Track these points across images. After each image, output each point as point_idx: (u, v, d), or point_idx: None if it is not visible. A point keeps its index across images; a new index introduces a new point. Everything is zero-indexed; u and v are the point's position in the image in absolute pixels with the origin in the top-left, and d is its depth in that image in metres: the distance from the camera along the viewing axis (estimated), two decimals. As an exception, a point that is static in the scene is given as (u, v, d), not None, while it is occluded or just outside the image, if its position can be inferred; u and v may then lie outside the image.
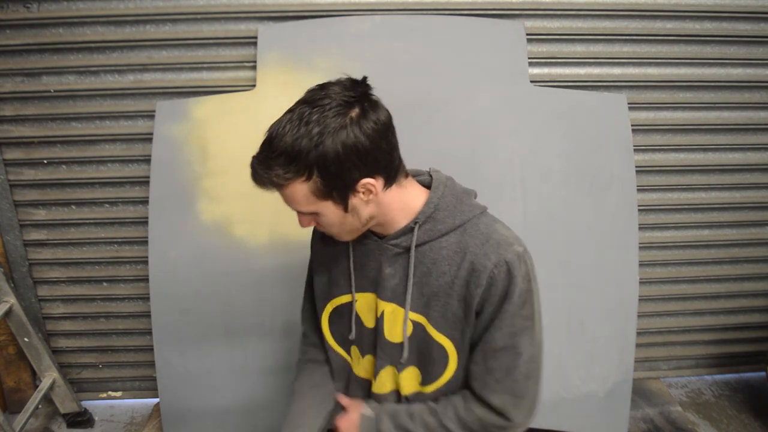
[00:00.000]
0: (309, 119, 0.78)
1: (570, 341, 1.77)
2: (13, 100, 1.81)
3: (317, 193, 0.81)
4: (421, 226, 0.90)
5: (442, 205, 0.90)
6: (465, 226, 0.90)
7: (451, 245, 0.89)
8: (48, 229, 1.95)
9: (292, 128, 0.78)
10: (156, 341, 1.77)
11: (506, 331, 0.88)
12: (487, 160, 1.71)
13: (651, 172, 1.97)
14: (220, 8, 1.72)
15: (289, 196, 0.83)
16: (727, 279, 2.13)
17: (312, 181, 0.80)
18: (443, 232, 0.90)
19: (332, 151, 0.78)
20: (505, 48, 1.73)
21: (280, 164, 0.79)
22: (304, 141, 0.77)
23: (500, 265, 0.86)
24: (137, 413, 2.11)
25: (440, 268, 0.90)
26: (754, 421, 2.01)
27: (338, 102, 0.79)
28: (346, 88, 0.81)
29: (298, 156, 0.78)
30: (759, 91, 1.92)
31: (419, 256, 0.91)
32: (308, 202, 0.83)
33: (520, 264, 0.87)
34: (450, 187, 0.93)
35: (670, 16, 1.80)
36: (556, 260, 1.74)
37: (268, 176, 0.81)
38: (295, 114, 0.79)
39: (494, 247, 0.87)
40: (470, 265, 0.87)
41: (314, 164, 0.78)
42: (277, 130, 0.80)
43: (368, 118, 0.80)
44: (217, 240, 1.73)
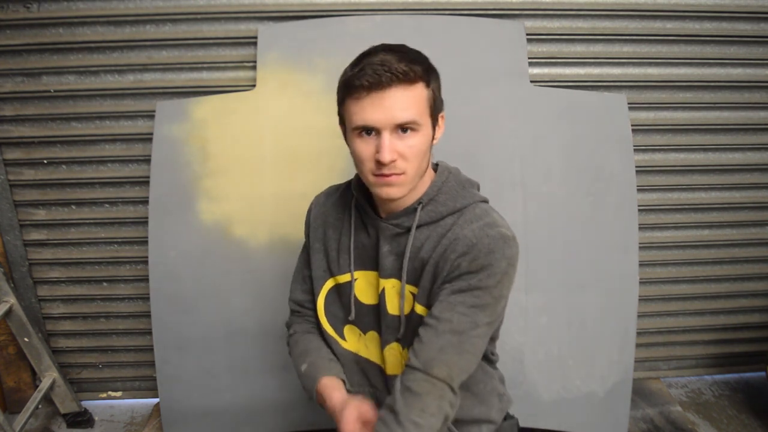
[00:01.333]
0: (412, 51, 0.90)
1: (570, 341, 1.77)
2: (13, 100, 1.81)
3: (429, 103, 0.89)
4: (424, 207, 0.94)
5: (445, 189, 0.96)
6: (463, 211, 0.94)
7: (446, 226, 0.93)
8: (48, 229, 1.95)
9: (406, 50, 0.89)
10: (156, 341, 1.77)
11: (470, 302, 0.88)
12: (487, 160, 1.71)
13: (651, 172, 1.97)
14: (220, 8, 1.72)
15: (410, 96, 0.86)
16: (727, 279, 2.13)
17: (429, 90, 0.88)
18: (443, 215, 0.94)
19: (437, 75, 0.92)
20: (505, 48, 1.73)
21: (417, 62, 0.86)
22: (424, 59, 0.90)
23: (481, 238, 0.89)
24: (137, 413, 2.11)
25: (431, 241, 0.94)
26: (754, 421, 2.01)
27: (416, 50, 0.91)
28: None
29: (426, 64, 0.89)
30: (759, 91, 1.92)
31: (417, 235, 0.95)
32: (418, 109, 0.87)
33: (503, 244, 0.89)
34: (455, 174, 0.99)
35: (670, 16, 1.80)
36: (556, 260, 1.74)
37: (406, 67, 0.84)
38: (395, 47, 0.89)
39: (480, 226, 0.91)
40: (453, 236, 0.91)
41: (433, 76, 0.90)
42: (395, 46, 0.88)
43: None
44: (217, 240, 1.73)
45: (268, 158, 1.71)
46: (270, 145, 1.70)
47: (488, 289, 0.88)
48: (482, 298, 0.89)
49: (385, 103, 0.84)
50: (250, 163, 1.71)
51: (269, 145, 1.70)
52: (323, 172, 1.70)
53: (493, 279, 0.88)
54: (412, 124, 0.86)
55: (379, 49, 0.88)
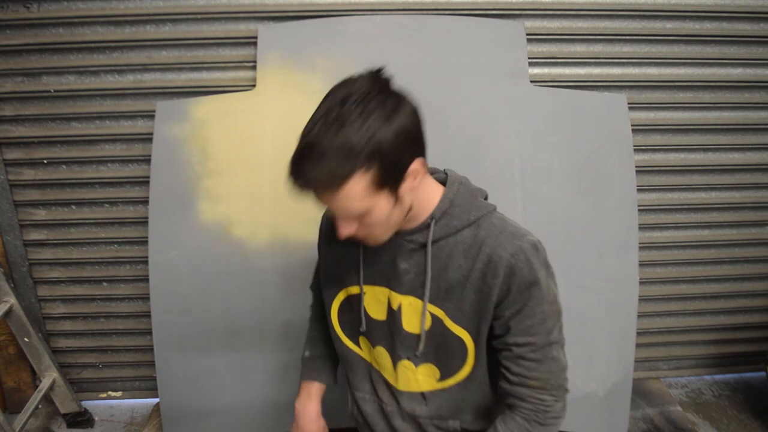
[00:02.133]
0: (354, 113, 0.75)
1: (570, 341, 1.76)
2: (13, 100, 1.81)
3: (375, 184, 0.78)
4: (437, 221, 0.91)
5: (457, 201, 0.92)
6: (479, 222, 0.91)
7: (466, 239, 0.91)
8: (48, 229, 1.95)
9: (339, 126, 0.74)
10: (156, 341, 1.77)
11: (538, 318, 0.91)
12: (487, 160, 1.71)
13: (651, 172, 1.97)
14: (220, 8, 1.72)
15: (344, 195, 0.77)
16: (727, 279, 2.13)
17: (371, 172, 0.77)
18: (458, 228, 0.91)
19: (388, 137, 0.76)
20: (505, 48, 1.73)
21: (339, 159, 0.74)
22: (358, 134, 0.74)
23: (517, 255, 0.86)
24: (137, 413, 2.11)
25: (456, 262, 0.91)
26: (754, 421, 2.01)
27: (375, 92, 0.77)
28: (372, 78, 0.80)
29: (356, 148, 0.74)
30: (759, 91, 1.92)
31: (435, 251, 0.92)
32: (364, 198, 0.79)
33: (537, 252, 0.88)
34: (465, 184, 0.95)
35: (670, 16, 1.80)
36: (556, 260, 1.72)
37: (326, 175, 0.76)
38: (334, 113, 0.75)
39: (509, 238, 0.88)
40: (486, 257, 0.88)
41: (373, 153, 0.76)
42: (320, 132, 0.75)
43: (405, 101, 0.80)
44: (217, 240, 1.73)
45: (268, 158, 1.71)
46: (270, 145, 1.70)
47: (542, 301, 0.90)
48: (543, 311, 0.91)
49: (321, 200, 0.81)
50: (250, 163, 1.71)
51: (269, 145, 1.70)
52: (323, 172, 1.70)
53: (543, 289, 0.89)
54: (353, 215, 0.82)
55: (298, 151, 0.77)
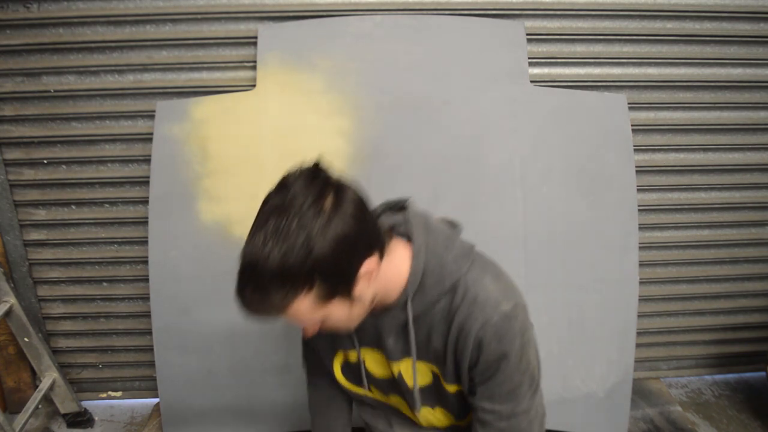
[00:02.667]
0: (288, 230, 0.71)
1: (570, 341, 1.77)
2: (13, 100, 1.81)
3: (323, 298, 0.77)
4: (413, 299, 0.89)
5: (427, 272, 0.87)
6: (454, 287, 0.88)
7: (443, 310, 0.89)
8: (48, 229, 1.95)
9: (275, 245, 0.72)
10: (156, 341, 1.77)
11: (506, 388, 0.88)
12: (487, 160, 1.71)
13: (651, 172, 1.97)
14: (220, 8, 1.72)
15: (293, 314, 0.78)
16: (727, 279, 2.13)
17: (315, 289, 0.75)
18: (435, 300, 0.88)
19: (326, 250, 0.72)
20: (505, 48, 1.73)
21: (277, 287, 0.73)
22: (294, 254, 0.71)
23: (485, 328, 0.85)
24: (137, 413, 2.11)
25: (438, 331, 0.90)
26: (754, 421, 2.01)
27: (309, 200, 0.73)
28: (308, 180, 0.76)
29: (293, 271, 0.72)
30: (759, 91, 1.92)
31: (417, 326, 0.91)
32: (315, 312, 0.78)
33: (508, 322, 0.86)
34: (431, 247, 0.88)
35: (670, 16, 1.80)
36: (556, 260, 1.74)
37: (268, 304, 0.75)
38: (270, 228, 0.73)
39: (480, 309, 0.85)
40: (458, 327, 0.87)
41: (313, 272, 0.73)
42: (256, 253, 0.73)
43: (345, 201, 0.76)
44: (217, 240, 1.73)
45: (268, 158, 1.71)
46: (270, 145, 1.70)
47: (513, 372, 0.88)
48: (513, 380, 0.88)
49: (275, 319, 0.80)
50: (250, 163, 1.71)
51: (269, 145, 1.70)
52: (323, 172, 1.70)
53: (513, 361, 0.87)
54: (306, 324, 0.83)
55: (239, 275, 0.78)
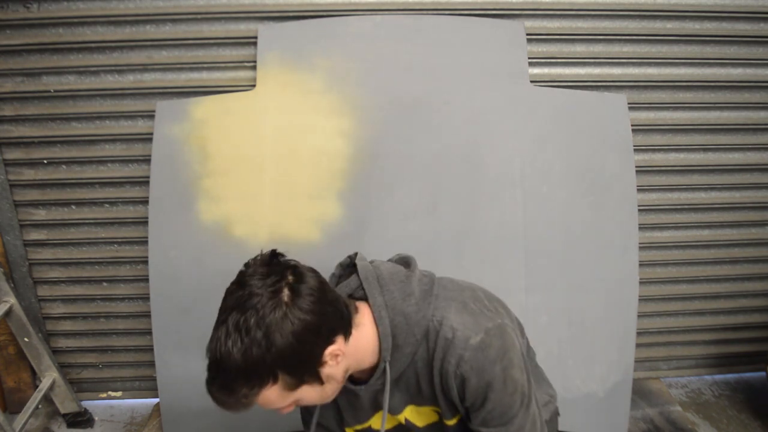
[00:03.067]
0: (248, 326, 0.74)
1: (570, 341, 1.77)
2: (13, 100, 1.81)
3: (289, 386, 0.80)
4: (390, 360, 0.90)
5: (396, 331, 0.89)
6: (426, 335, 0.89)
7: (422, 359, 0.91)
8: (48, 229, 1.95)
9: (235, 342, 0.74)
10: (156, 341, 1.77)
11: (497, 412, 0.89)
12: (487, 160, 1.71)
13: (651, 172, 1.97)
14: (220, 8, 1.72)
15: (263, 403, 0.81)
16: (727, 279, 2.13)
17: (280, 381, 0.78)
18: (412, 353, 0.90)
19: (286, 344, 0.75)
20: (505, 48, 1.73)
21: (241, 383, 0.77)
22: (254, 350, 0.74)
23: (461, 365, 0.86)
24: (137, 413, 2.11)
25: (424, 379, 0.92)
26: (754, 421, 2.01)
27: (266, 294, 0.76)
28: (264, 274, 0.79)
29: (255, 367, 0.75)
30: (759, 91, 1.92)
31: (405, 380, 0.93)
32: (285, 399, 0.81)
33: (482, 353, 0.86)
34: (390, 304, 0.89)
35: (670, 16, 1.80)
36: (556, 260, 1.74)
37: (235, 399, 0.78)
38: (230, 326, 0.75)
39: (452, 349, 0.86)
40: (439, 372, 0.89)
41: (274, 366, 0.76)
42: (219, 350, 0.76)
43: (302, 293, 0.78)
44: (217, 240, 1.73)
45: (268, 158, 1.71)
46: (270, 145, 1.70)
47: (501, 397, 0.88)
48: (503, 404, 0.89)
49: None
50: (250, 163, 1.71)
51: (269, 145, 1.70)
52: (323, 172, 1.70)
53: (498, 387, 0.87)
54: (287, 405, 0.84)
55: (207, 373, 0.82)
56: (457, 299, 0.91)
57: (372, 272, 0.92)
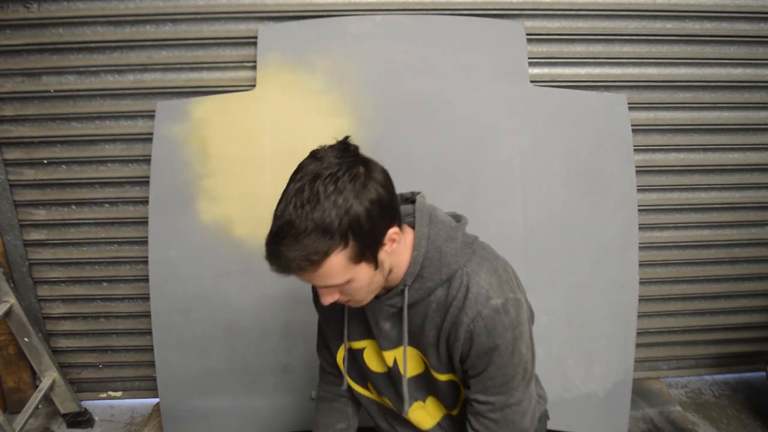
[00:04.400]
0: (326, 192, 0.77)
1: (570, 341, 1.77)
2: (13, 100, 1.81)
3: (353, 257, 0.81)
4: (410, 287, 0.93)
5: (426, 263, 0.92)
6: (451, 279, 0.92)
7: (439, 298, 0.92)
8: (48, 229, 1.95)
9: (313, 206, 0.77)
10: (156, 341, 1.77)
11: (499, 380, 0.91)
12: (487, 160, 1.71)
13: (651, 172, 1.97)
14: (220, 8, 1.72)
15: (324, 272, 0.80)
16: (727, 279, 2.13)
17: (348, 247, 0.80)
18: (432, 290, 0.92)
19: (361, 211, 0.79)
20: (505, 48, 1.73)
21: (315, 240, 0.77)
22: (333, 212, 0.77)
23: (476, 321, 0.88)
24: (137, 413, 2.11)
25: (432, 321, 0.94)
26: (754, 421, 2.01)
27: (344, 166, 0.80)
28: (339, 151, 0.82)
29: (332, 226, 0.77)
30: (759, 91, 1.92)
31: (412, 312, 0.95)
32: (344, 272, 0.82)
33: (498, 316, 0.88)
34: (433, 238, 0.93)
35: (670, 16, 1.80)
36: (556, 260, 1.74)
37: (304, 256, 0.78)
38: (306, 189, 0.78)
39: (472, 302, 0.88)
40: (452, 319, 0.91)
41: (348, 229, 0.78)
42: (294, 210, 0.78)
43: (375, 171, 0.83)
44: (217, 240, 1.73)
45: (268, 158, 1.71)
46: (270, 145, 1.70)
47: (505, 365, 0.90)
48: (506, 373, 0.91)
49: (302, 278, 0.83)
50: (250, 163, 1.71)
51: (269, 145, 1.70)
52: (323, 172, 1.70)
53: (504, 354, 0.89)
54: (334, 287, 0.85)
55: (274, 233, 0.81)
56: (492, 262, 0.94)
57: (428, 208, 0.96)
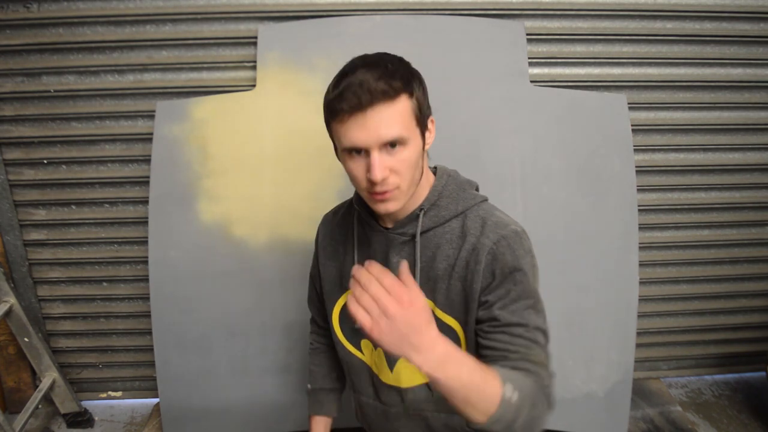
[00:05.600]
0: (393, 59, 0.88)
1: (570, 341, 1.77)
2: (13, 100, 1.81)
3: (415, 113, 0.87)
4: (426, 213, 0.95)
5: (445, 193, 0.96)
6: (466, 213, 0.95)
7: (454, 230, 0.94)
8: (48, 229, 1.95)
9: (379, 62, 0.86)
10: (156, 341, 1.77)
11: (527, 303, 0.88)
12: (487, 160, 1.71)
13: (651, 172, 1.97)
14: (220, 8, 1.72)
15: (395, 112, 0.84)
16: (727, 279, 2.13)
17: (413, 100, 0.86)
18: (446, 218, 0.94)
19: (421, 79, 0.89)
20: (505, 48, 1.73)
21: (398, 78, 0.84)
22: (404, 68, 0.87)
23: (499, 242, 0.89)
24: (137, 413, 2.11)
25: (444, 252, 0.94)
26: (754, 421, 2.01)
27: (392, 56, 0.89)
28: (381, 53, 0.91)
29: (406, 74, 0.86)
30: (759, 91, 1.92)
31: (424, 241, 0.95)
32: (407, 124, 0.85)
33: (520, 239, 0.91)
34: (454, 177, 0.99)
35: (670, 16, 1.80)
36: (556, 260, 1.74)
37: (388, 85, 0.82)
38: (370, 58, 0.88)
39: (492, 228, 0.91)
40: (471, 246, 0.91)
41: (416, 84, 0.87)
42: (363, 64, 0.86)
43: None
44: (217, 240, 1.73)
45: (268, 158, 1.71)
46: (270, 145, 1.70)
47: (527, 286, 0.89)
48: (529, 295, 0.89)
49: (368, 123, 0.82)
50: (250, 163, 1.71)
51: (269, 145, 1.70)
52: (323, 172, 1.70)
53: (527, 276, 0.90)
54: (399, 139, 0.84)
55: (357, 64, 0.86)
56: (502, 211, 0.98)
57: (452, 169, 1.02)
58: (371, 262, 0.72)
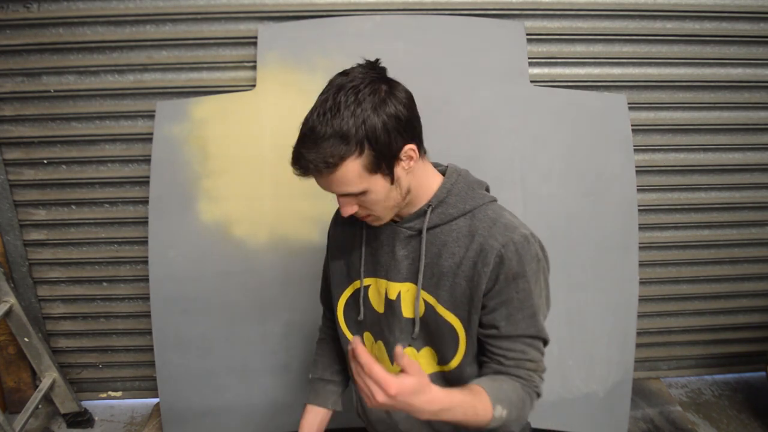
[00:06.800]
0: (347, 101, 0.82)
1: (570, 341, 1.77)
2: (13, 100, 1.81)
3: (369, 166, 0.85)
4: (434, 209, 0.95)
5: (454, 191, 0.96)
6: (474, 212, 0.95)
7: (461, 228, 0.94)
8: (48, 229, 1.95)
9: (333, 112, 0.82)
10: (156, 341, 1.77)
11: (527, 312, 0.91)
12: (487, 159, 1.71)
13: (651, 172, 1.97)
14: (220, 8, 1.72)
15: (340, 177, 0.85)
16: (727, 279, 2.13)
17: (364, 156, 0.84)
18: (454, 216, 0.95)
19: (379, 122, 0.83)
20: (505, 48, 1.73)
21: (333, 145, 0.82)
22: (351, 120, 0.82)
23: (507, 246, 0.89)
24: (137, 413, 2.11)
25: (450, 250, 0.94)
26: (754, 421, 2.01)
27: (367, 81, 0.85)
28: (367, 70, 0.87)
29: (349, 134, 0.82)
30: (759, 91, 1.92)
31: (431, 238, 0.96)
32: (360, 180, 0.85)
33: (527, 244, 0.90)
34: (464, 176, 1.00)
35: (670, 16, 1.80)
36: (556, 260, 1.72)
37: (321, 158, 0.82)
38: (330, 101, 0.83)
39: (501, 230, 0.91)
40: (478, 246, 0.91)
41: (364, 138, 0.83)
42: (317, 117, 0.83)
43: (398, 90, 0.87)
44: (217, 240, 1.73)
45: (268, 158, 1.71)
46: (270, 145, 1.70)
47: (530, 294, 0.91)
48: (533, 303, 0.91)
49: (321, 183, 0.88)
50: (250, 163, 1.71)
51: (269, 145, 1.70)
52: (323, 172, 1.70)
53: (529, 283, 0.91)
54: (354, 193, 0.87)
55: (304, 131, 0.85)
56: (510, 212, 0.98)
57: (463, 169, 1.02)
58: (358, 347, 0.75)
